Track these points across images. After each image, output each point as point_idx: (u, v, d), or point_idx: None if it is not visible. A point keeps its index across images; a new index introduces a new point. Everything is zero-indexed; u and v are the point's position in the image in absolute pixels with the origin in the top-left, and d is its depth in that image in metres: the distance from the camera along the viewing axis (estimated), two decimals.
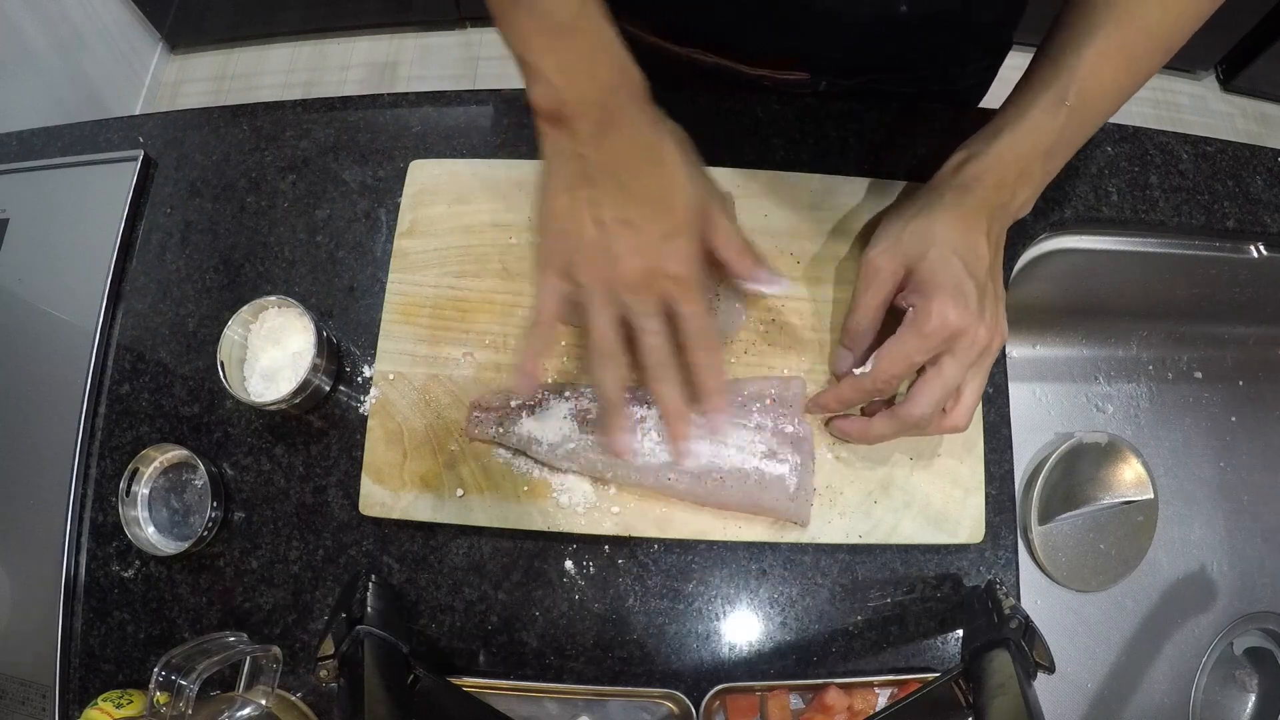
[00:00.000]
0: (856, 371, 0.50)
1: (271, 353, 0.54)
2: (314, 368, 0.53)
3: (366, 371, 0.57)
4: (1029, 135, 0.48)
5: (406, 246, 0.57)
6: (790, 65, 0.62)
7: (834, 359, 0.54)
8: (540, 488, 0.53)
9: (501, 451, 0.53)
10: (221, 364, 0.53)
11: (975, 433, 0.54)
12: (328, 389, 0.56)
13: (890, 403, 0.51)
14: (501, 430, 0.52)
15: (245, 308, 0.54)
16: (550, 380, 0.54)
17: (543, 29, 0.43)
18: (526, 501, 0.52)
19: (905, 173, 0.61)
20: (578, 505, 0.52)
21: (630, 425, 0.49)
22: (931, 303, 0.46)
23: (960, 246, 0.47)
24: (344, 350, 0.58)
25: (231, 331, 0.54)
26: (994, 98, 0.70)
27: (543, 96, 0.44)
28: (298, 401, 0.54)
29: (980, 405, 0.55)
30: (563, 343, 0.55)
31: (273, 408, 0.53)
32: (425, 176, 0.59)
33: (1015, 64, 0.54)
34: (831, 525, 0.52)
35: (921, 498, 0.53)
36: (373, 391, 0.55)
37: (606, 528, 0.52)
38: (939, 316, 0.45)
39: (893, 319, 0.50)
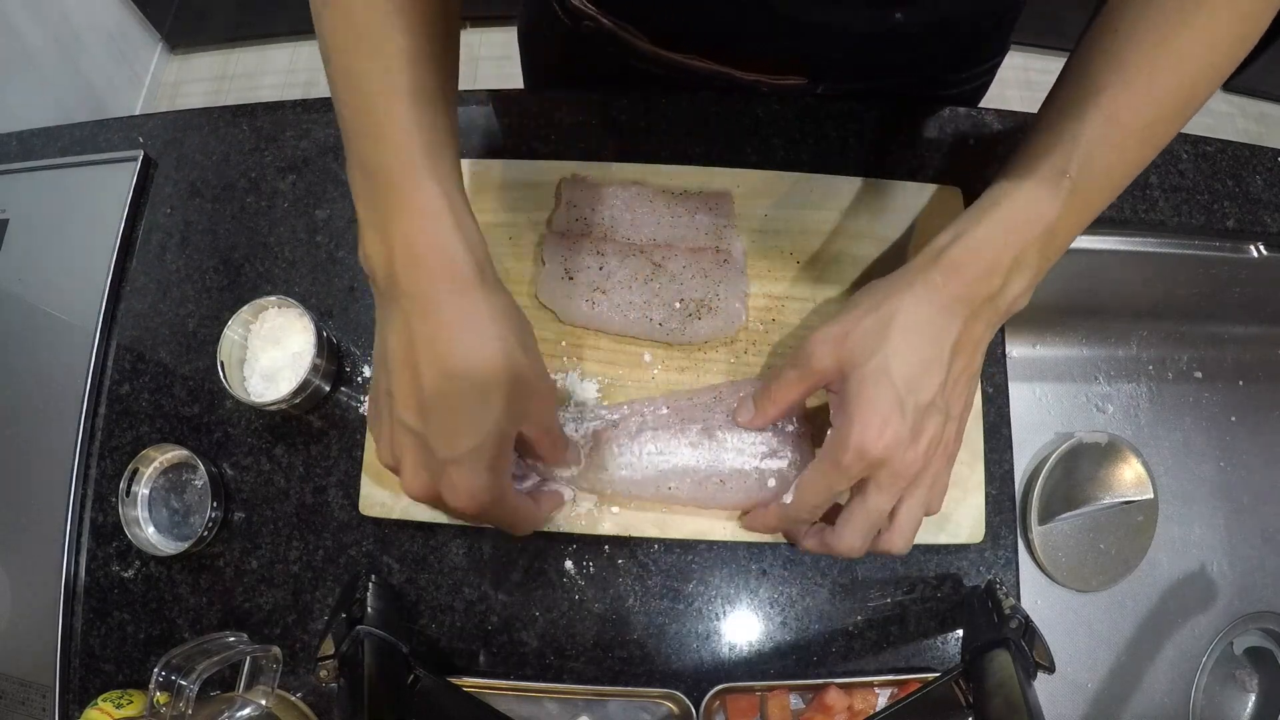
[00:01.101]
0: (784, 499, 0.46)
1: (271, 353, 0.55)
2: (314, 368, 0.53)
3: (366, 371, 0.57)
4: (1024, 214, 0.41)
5: None
6: (787, 71, 0.62)
7: (738, 409, 0.50)
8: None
9: None
10: (221, 364, 0.53)
11: (976, 433, 0.54)
12: (328, 389, 0.56)
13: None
14: None
15: (245, 308, 0.54)
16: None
17: (371, 183, 0.39)
18: None
19: (906, 173, 0.61)
20: (577, 505, 0.52)
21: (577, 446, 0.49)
22: (851, 428, 0.40)
23: (908, 362, 0.40)
24: (344, 350, 0.58)
25: (231, 332, 0.54)
26: (992, 98, 0.70)
27: (364, 262, 0.41)
28: (298, 402, 0.54)
29: (980, 406, 0.55)
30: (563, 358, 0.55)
31: (272, 408, 0.53)
32: None
33: (1013, 64, 0.54)
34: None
35: None
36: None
37: (606, 528, 0.52)
38: (857, 447, 0.40)
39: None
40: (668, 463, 0.50)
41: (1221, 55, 0.40)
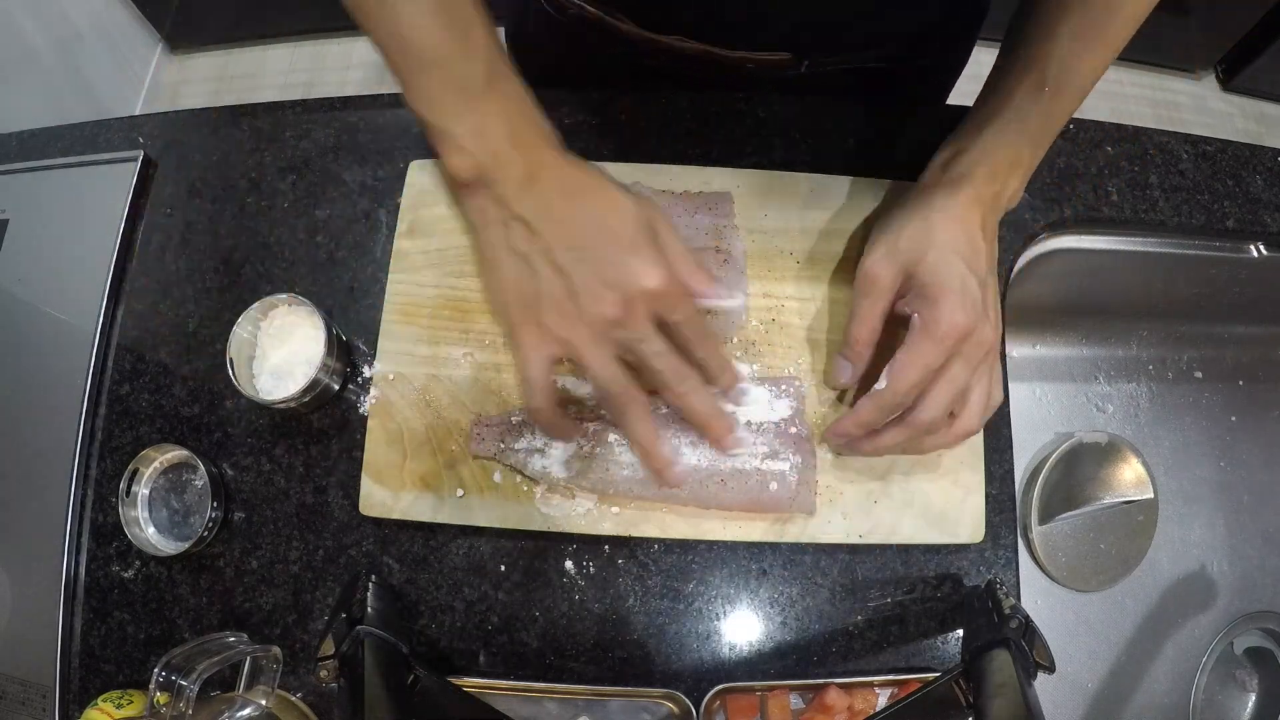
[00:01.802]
0: (874, 389, 0.48)
1: (282, 351, 0.54)
2: (324, 367, 0.53)
3: (367, 372, 0.57)
4: (1014, 124, 0.49)
5: (406, 247, 0.57)
6: (770, 46, 0.62)
7: (832, 371, 0.52)
8: (538, 487, 0.52)
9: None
10: (231, 361, 0.53)
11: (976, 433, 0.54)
12: (336, 388, 0.56)
13: None
14: (502, 447, 0.52)
15: (255, 305, 0.54)
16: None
17: (454, 93, 0.43)
18: (526, 502, 0.52)
19: (906, 173, 0.61)
20: (578, 506, 0.52)
21: (674, 454, 0.48)
22: (940, 307, 0.45)
23: (960, 245, 0.46)
24: (352, 349, 0.58)
25: (241, 329, 0.54)
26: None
27: (462, 164, 0.44)
28: (307, 400, 0.53)
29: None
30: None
31: (281, 406, 0.53)
32: (425, 177, 0.59)
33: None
34: (832, 525, 0.52)
35: (922, 497, 0.53)
36: (373, 392, 0.55)
37: (606, 528, 0.52)
38: (949, 320, 0.45)
39: (888, 329, 0.49)
40: (715, 453, 0.50)
41: None
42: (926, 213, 0.47)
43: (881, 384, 0.47)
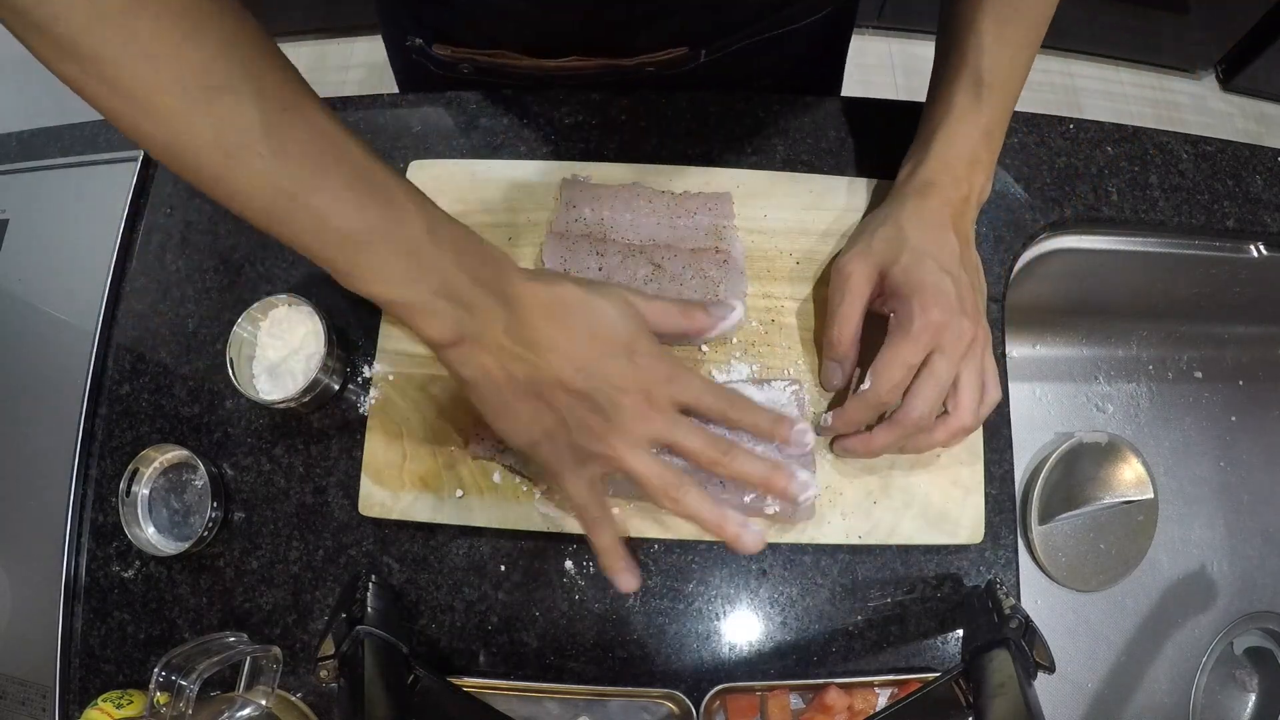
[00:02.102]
0: (859, 390, 0.49)
1: (281, 351, 0.54)
2: (324, 367, 0.53)
3: (366, 372, 0.57)
4: (961, 126, 0.50)
5: None
6: (664, 45, 0.62)
7: (823, 375, 0.54)
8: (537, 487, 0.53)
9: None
10: (230, 360, 0.53)
11: (975, 433, 0.54)
12: (336, 388, 0.56)
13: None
14: (503, 448, 0.52)
15: (255, 305, 0.54)
16: None
17: (403, 260, 0.39)
18: (526, 502, 0.52)
19: None
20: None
21: (742, 523, 0.45)
22: (913, 303, 0.46)
23: (930, 245, 0.48)
24: (351, 349, 0.58)
25: (241, 329, 0.54)
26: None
27: (441, 328, 0.41)
28: (306, 400, 0.53)
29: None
30: None
31: (280, 406, 0.53)
32: (425, 177, 0.59)
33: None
34: (831, 525, 0.52)
35: (921, 498, 0.53)
36: (372, 392, 0.55)
37: None
38: (922, 316, 0.46)
39: (871, 332, 0.50)
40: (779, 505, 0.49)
41: None
42: (898, 218, 0.49)
43: (866, 384, 0.48)
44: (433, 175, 0.59)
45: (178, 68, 0.33)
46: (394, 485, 0.53)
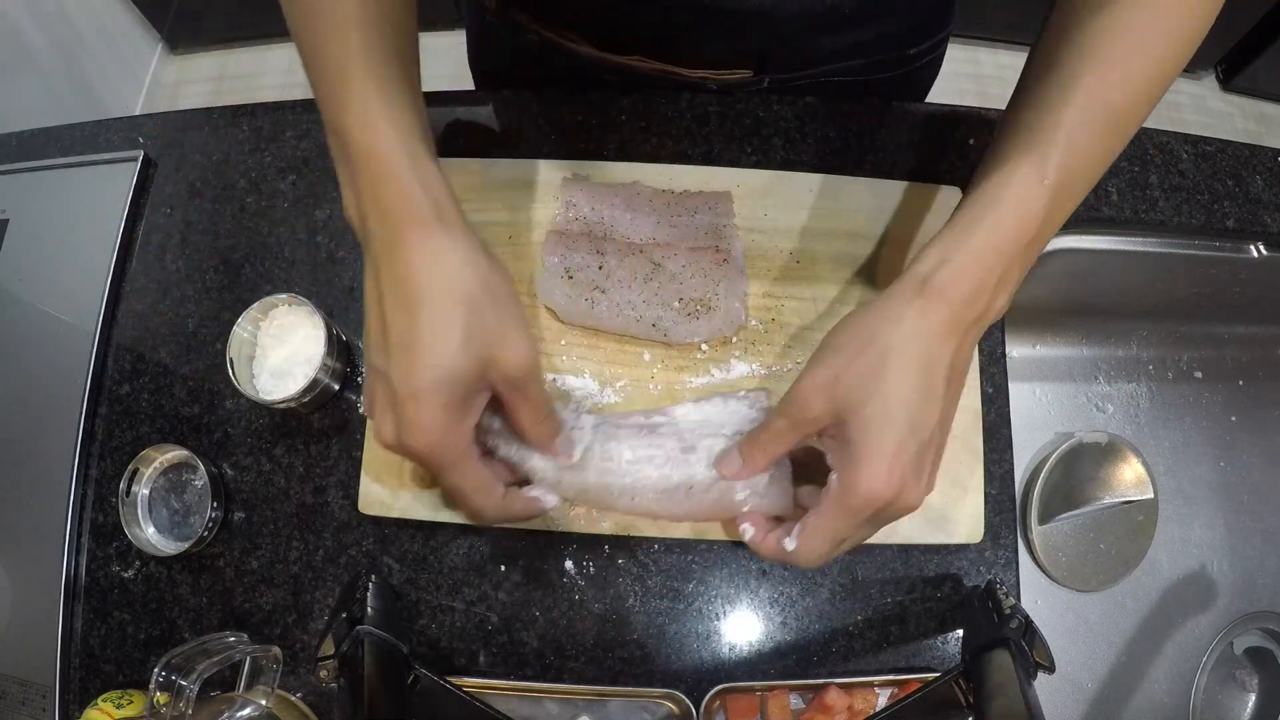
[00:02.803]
0: (786, 545, 0.43)
1: (282, 351, 0.54)
2: (324, 367, 0.52)
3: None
4: (1008, 229, 0.40)
5: None
6: (730, 65, 0.62)
7: (721, 460, 0.47)
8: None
9: None
10: (231, 361, 0.53)
11: (975, 433, 0.54)
12: (337, 388, 0.56)
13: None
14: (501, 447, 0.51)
15: (255, 305, 0.54)
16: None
17: (338, 149, 0.41)
18: None
19: (906, 173, 0.61)
20: (575, 504, 0.52)
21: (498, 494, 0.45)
22: (860, 475, 0.39)
23: (910, 401, 0.39)
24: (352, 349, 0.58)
25: (241, 329, 0.54)
26: (991, 98, 0.70)
27: (344, 210, 0.42)
28: (306, 400, 0.53)
29: (980, 406, 0.55)
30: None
31: (281, 406, 0.53)
32: None
33: (1012, 64, 0.53)
34: None
35: None
36: None
37: (605, 527, 0.52)
38: (867, 490, 0.39)
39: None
40: (639, 471, 0.48)
41: (1187, 35, 0.40)
42: (885, 348, 0.39)
43: (790, 545, 0.43)
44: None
45: None
46: (393, 484, 0.53)
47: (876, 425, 0.39)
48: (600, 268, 0.55)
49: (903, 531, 0.52)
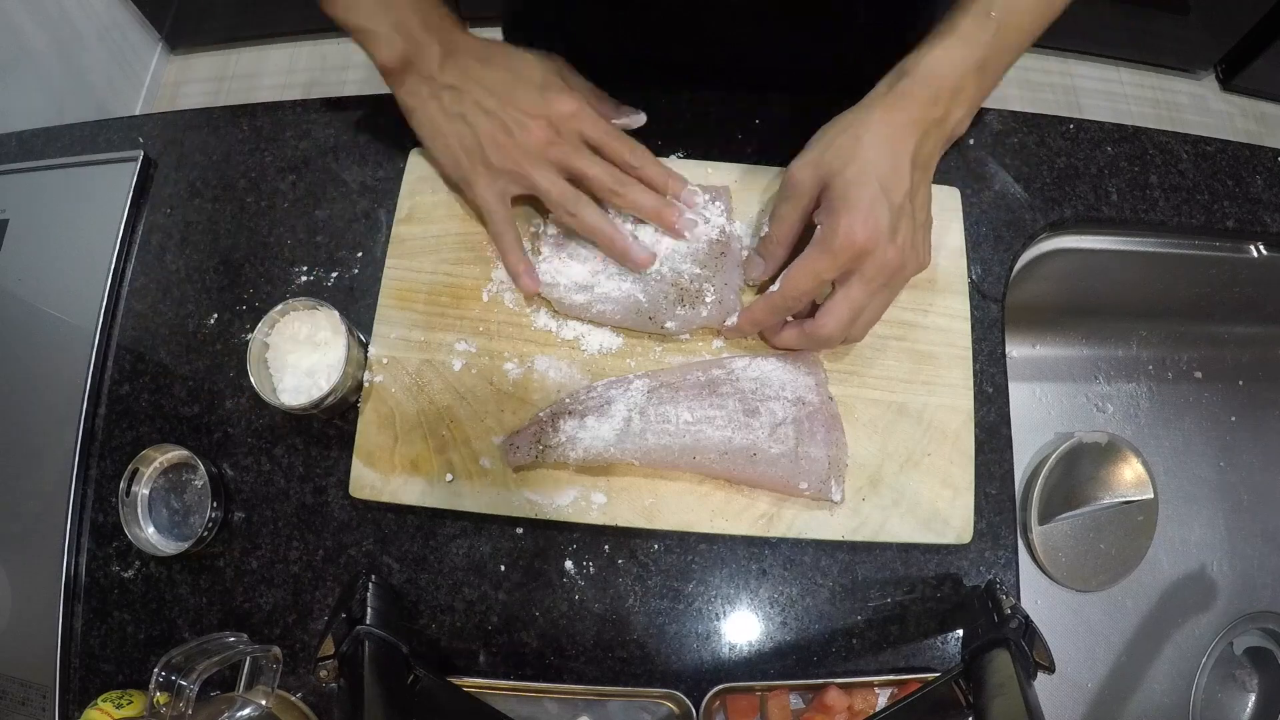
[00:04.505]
0: (770, 289, 0.51)
1: (305, 356, 0.53)
2: (345, 376, 0.51)
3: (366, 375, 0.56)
4: (959, 48, 0.48)
5: (404, 233, 0.57)
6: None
7: (747, 264, 0.55)
8: (530, 476, 0.53)
9: (493, 438, 0.53)
10: (250, 365, 0.52)
11: (965, 433, 0.54)
12: (354, 400, 0.55)
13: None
14: (541, 448, 0.51)
15: (274, 309, 0.53)
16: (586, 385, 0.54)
17: (381, 8, 0.50)
18: (515, 488, 0.52)
19: None
20: (565, 495, 0.52)
21: (630, 235, 0.54)
22: (839, 220, 0.46)
23: (880, 167, 0.46)
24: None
25: (260, 334, 0.53)
26: (991, 99, 0.70)
27: (389, 54, 0.51)
28: (327, 405, 0.52)
29: (975, 407, 0.55)
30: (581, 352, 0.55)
31: (299, 412, 0.52)
32: (425, 165, 0.59)
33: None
34: (818, 521, 0.52)
35: (911, 496, 0.53)
36: (366, 375, 0.55)
37: (593, 517, 0.52)
38: (845, 235, 0.46)
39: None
40: (700, 432, 0.51)
41: None
42: (860, 129, 0.48)
43: (775, 286, 0.50)
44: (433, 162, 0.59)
45: None
46: (384, 468, 0.53)
47: (856, 181, 0.46)
48: (601, 258, 0.55)
49: (891, 529, 0.52)
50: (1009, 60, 0.50)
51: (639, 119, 0.58)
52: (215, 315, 0.59)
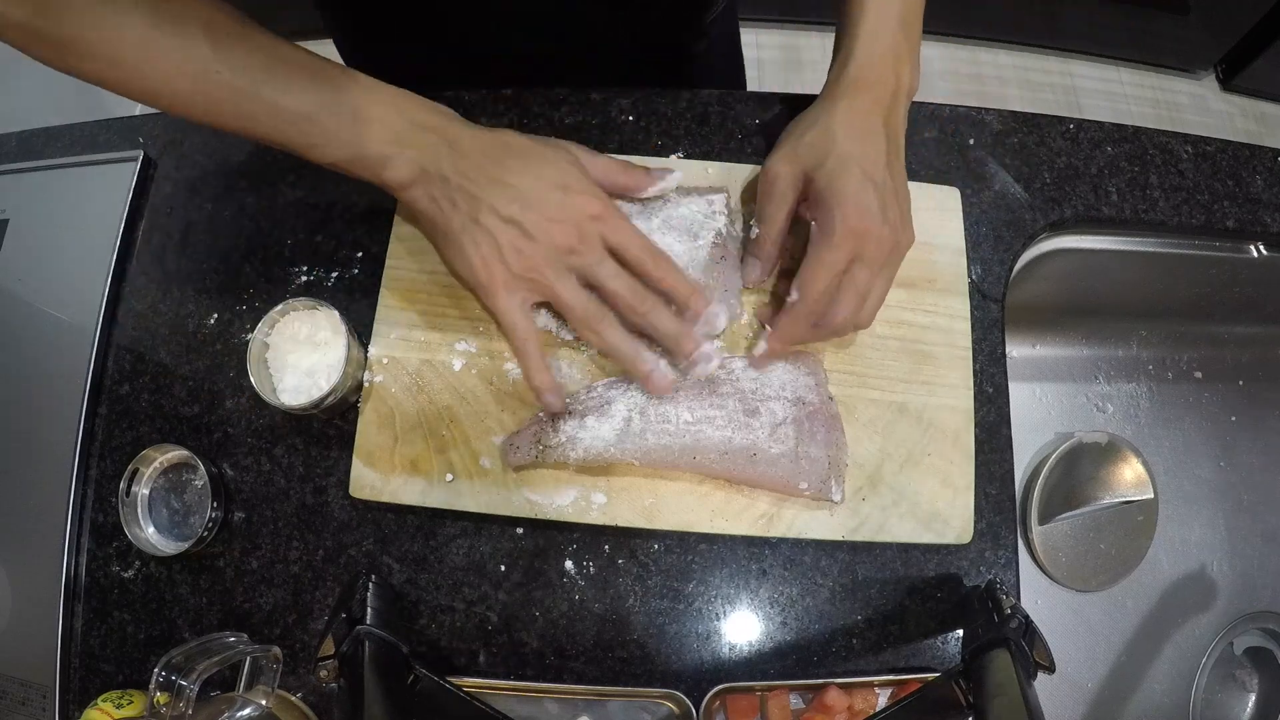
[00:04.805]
0: (789, 302, 0.51)
1: (306, 356, 0.53)
2: (345, 376, 0.52)
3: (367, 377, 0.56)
4: (877, 21, 0.50)
5: (405, 232, 0.57)
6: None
7: (745, 269, 0.55)
8: (530, 476, 0.53)
9: (493, 438, 0.53)
10: (250, 365, 0.52)
11: (967, 433, 0.54)
12: (354, 400, 0.55)
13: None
14: (542, 448, 0.51)
15: (275, 309, 0.53)
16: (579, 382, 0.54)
17: (350, 123, 0.47)
18: (514, 488, 0.52)
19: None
20: (564, 495, 0.52)
21: (654, 361, 0.50)
22: (834, 212, 0.47)
23: (858, 152, 0.48)
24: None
25: (260, 334, 0.53)
26: (991, 99, 0.70)
27: (400, 170, 0.48)
28: (327, 405, 0.52)
29: (974, 406, 0.55)
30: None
31: (299, 412, 0.52)
32: None
33: (1013, 63, 0.54)
34: (818, 521, 0.52)
35: (910, 496, 0.53)
36: (366, 375, 0.55)
37: (593, 517, 0.52)
38: (844, 224, 0.47)
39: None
40: (700, 432, 0.51)
41: None
42: (828, 121, 0.49)
43: (794, 296, 0.50)
44: None
45: (151, 42, 0.44)
46: (384, 468, 0.53)
47: (840, 169, 0.48)
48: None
49: (891, 529, 0.52)
50: (921, 6, 0.52)
51: (674, 179, 0.54)
52: (215, 315, 0.59)
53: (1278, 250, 0.65)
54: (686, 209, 0.55)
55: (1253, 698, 0.72)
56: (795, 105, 0.63)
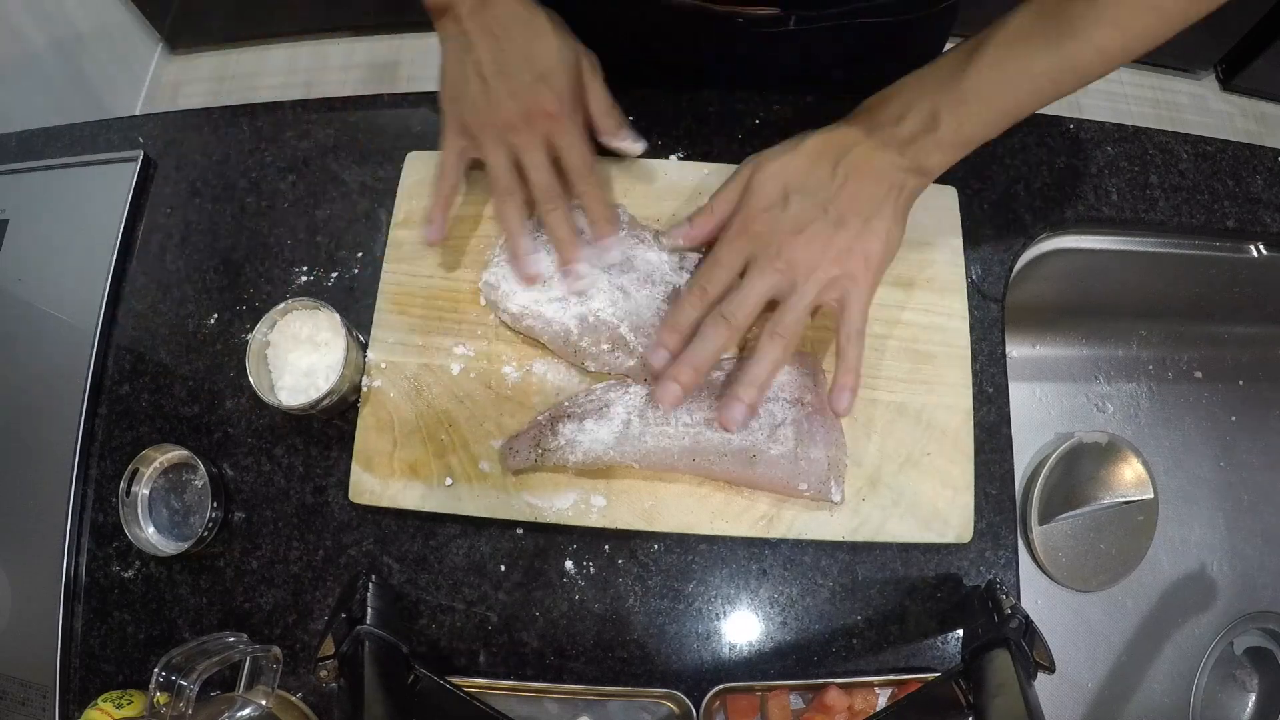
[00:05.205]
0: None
1: (305, 357, 0.53)
2: (344, 377, 0.52)
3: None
4: (932, 79, 0.48)
5: (402, 237, 0.57)
6: (758, 1, 0.61)
7: (669, 233, 0.54)
8: (529, 479, 0.53)
9: (492, 441, 0.53)
10: (250, 365, 0.52)
11: (965, 433, 0.54)
12: (354, 401, 0.55)
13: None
14: (541, 451, 0.51)
15: (275, 309, 0.53)
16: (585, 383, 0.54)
17: None
18: (514, 491, 0.52)
19: None
20: (565, 497, 0.52)
21: (535, 254, 0.54)
22: (741, 204, 0.50)
23: (794, 167, 0.49)
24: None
25: (259, 334, 0.53)
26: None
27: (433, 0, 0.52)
28: (325, 406, 0.52)
29: (975, 406, 0.55)
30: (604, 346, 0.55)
31: (298, 412, 0.52)
32: (421, 169, 0.59)
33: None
34: (818, 521, 0.52)
35: (910, 496, 0.53)
36: (365, 379, 0.55)
37: (592, 520, 0.52)
38: (740, 216, 0.49)
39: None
40: (699, 434, 0.50)
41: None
42: (807, 135, 0.50)
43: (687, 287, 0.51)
44: (429, 167, 0.59)
45: None
46: (383, 473, 0.53)
47: (765, 177, 0.49)
48: (549, 282, 0.54)
49: (891, 529, 0.52)
50: (1008, 104, 0.47)
51: (637, 148, 0.55)
52: (215, 315, 0.59)
53: (1278, 250, 0.65)
54: (656, 256, 0.54)
55: (1253, 698, 0.72)
56: (796, 106, 0.63)
